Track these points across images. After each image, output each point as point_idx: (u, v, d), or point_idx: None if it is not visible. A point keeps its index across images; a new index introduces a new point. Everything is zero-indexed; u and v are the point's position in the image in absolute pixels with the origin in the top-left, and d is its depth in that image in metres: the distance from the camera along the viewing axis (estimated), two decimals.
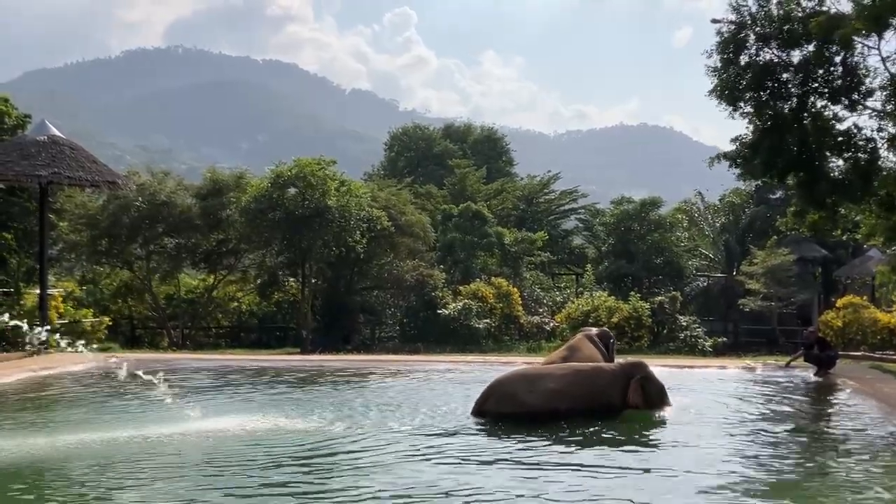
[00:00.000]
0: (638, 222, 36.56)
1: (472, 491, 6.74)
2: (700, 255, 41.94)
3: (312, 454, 8.17)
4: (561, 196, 49.94)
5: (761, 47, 17.71)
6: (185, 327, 30.37)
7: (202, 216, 28.48)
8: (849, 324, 26.51)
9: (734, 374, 16.09)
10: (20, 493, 6.76)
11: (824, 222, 18.83)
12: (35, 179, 18.66)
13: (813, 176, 17.61)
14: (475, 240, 34.25)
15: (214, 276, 30.68)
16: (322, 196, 26.92)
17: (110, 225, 27.38)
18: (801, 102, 17.58)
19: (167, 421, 9.53)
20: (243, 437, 8.97)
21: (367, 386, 13.94)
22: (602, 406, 10.06)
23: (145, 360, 16.83)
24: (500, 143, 61.45)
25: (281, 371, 15.88)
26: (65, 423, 9.86)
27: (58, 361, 15.77)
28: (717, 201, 43.17)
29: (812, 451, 8.67)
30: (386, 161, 58.70)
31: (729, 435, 9.51)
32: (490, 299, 29.21)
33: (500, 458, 8.04)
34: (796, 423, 10.59)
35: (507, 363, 16.28)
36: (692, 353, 25.21)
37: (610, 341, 12.92)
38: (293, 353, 24.65)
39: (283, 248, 28.20)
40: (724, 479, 7.25)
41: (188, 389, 12.83)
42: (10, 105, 24.65)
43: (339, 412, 10.57)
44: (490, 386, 10.30)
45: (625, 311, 26.88)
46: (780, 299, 31.97)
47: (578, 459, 8.04)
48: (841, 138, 17.73)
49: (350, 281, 30.63)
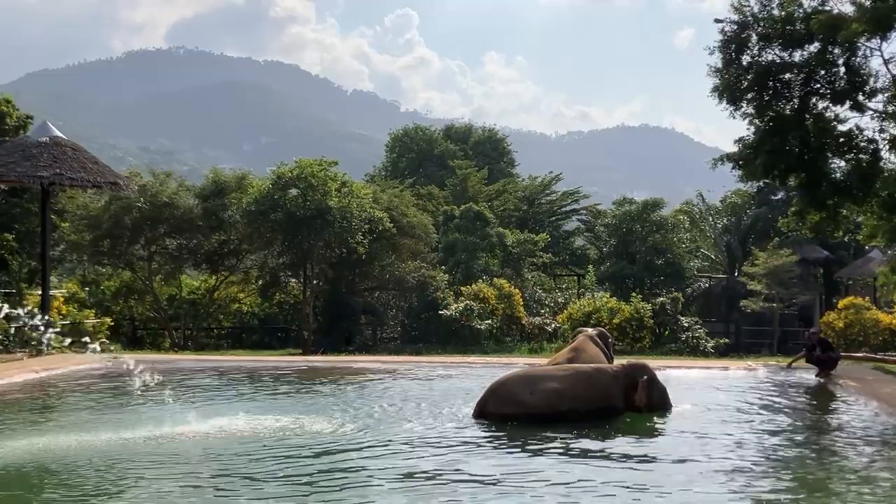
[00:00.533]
0: (640, 223, 36.59)
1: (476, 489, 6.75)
2: (701, 255, 41.99)
3: (317, 456, 8.17)
4: (562, 197, 49.99)
5: (763, 47, 17.73)
6: (187, 328, 30.39)
7: (204, 217, 28.50)
8: (850, 325, 26.52)
9: (736, 376, 16.07)
10: (24, 492, 6.79)
11: (826, 223, 18.83)
12: (37, 180, 18.66)
13: (815, 177, 17.63)
14: (477, 241, 34.28)
15: (216, 276, 30.70)
16: (323, 197, 26.92)
17: (112, 226, 27.38)
18: (803, 103, 17.59)
19: (171, 422, 9.53)
20: (249, 437, 8.97)
21: (369, 387, 13.93)
22: (604, 407, 10.05)
23: (147, 361, 16.83)
24: (502, 143, 61.49)
25: (283, 372, 15.88)
26: (69, 424, 9.86)
27: (61, 362, 15.77)
28: (719, 202, 43.23)
29: (814, 455, 8.66)
30: (387, 162, 58.75)
31: (729, 436, 9.47)
32: (492, 300, 29.21)
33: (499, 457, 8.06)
34: (799, 426, 10.58)
35: (509, 364, 16.27)
36: (694, 355, 25.21)
37: (608, 342, 12.93)
38: (295, 354, 24.65)
39: (284, 248, 28.20)
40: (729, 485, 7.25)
41: (192, 391, 12.85)
42: (12, 106, 24.68)
43: (341, 414, 10.56)
44: (491, 387, 10.28)
45: (626, 312, 26.88)
46: (781, 300, 31.98)
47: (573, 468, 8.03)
48: (842, 139, 17.76)
49: (352, 282, 30.63)
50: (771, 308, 32.03)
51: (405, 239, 30.43)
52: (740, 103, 17.78)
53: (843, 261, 35.53)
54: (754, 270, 32.17)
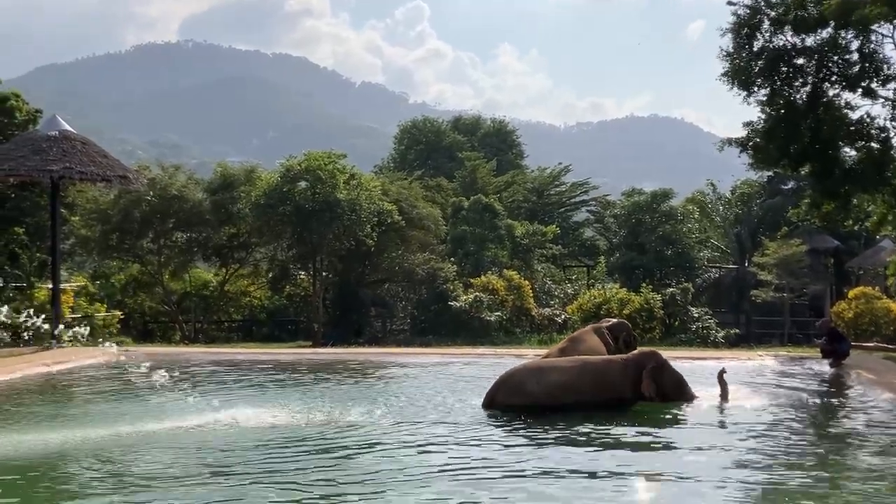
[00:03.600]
0: (649, 214, 36.49)
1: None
2: (711, 246, 41.87)
3: (324, 447, 8.18)
4: (572, 188, 49.89)
5: (775, 32, 17.59)
6: (198, 321, 30.47)
7: (213, 210, 28.54)
8: (861, 314, 26.36)
9: (749, 367, 15.99)
10: (33, 484, 6.82)
11: (837, 212, 18.73)
12: (47, 174, 18.65)
13: (826, 165, 17.52)
14: (486, 232, 34.24)
15: (226, 270, 30.76)
16: (332, 190, 26.93)
17: (122, 219, 27.45)
18: (815, 90, 17.47)
19: (187, 414, 9.56)
20: (266, 429, 9.00)
21: (379, 379, 13.94)
22: (612, 398, 10.00)
23: (158, 354, 16.86)
24: (510, 135, 61.38)
25: (294, 365, 15.88)
26: (81, 418, 9.89)
27: (71, 356, 15.79)
28: (729, 192, 43.07)
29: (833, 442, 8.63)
30: (395, 154, 58.70)
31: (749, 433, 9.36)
32: (501, 292, 29.17)
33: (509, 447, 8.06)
34: (815, 416, 10.55)
35: (519, 355, 16.23)
36: (704, 345, 25.12)
37: (623, 333, 12.58)
38: (305, 346, 24.69)
39: (293, 241, 28.23)
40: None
41: (205, 382, 12.85)
42: (22, 100, 24.72)
43: (351, 405, 10.56)
44: (500, 378, 10.29)
45: (636, 303, 26.80)
46: (792, 290, 31.87)
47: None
48: (853, 127, 17.64)
49: (361, 274, 30.64)
50: (781, 298, 31.92)
51: (414, 231, 30.42)
52: (752, 88, 17.64)
53: (853, 250, 35.36)
54: (764, 260, 32.06)
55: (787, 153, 17.48)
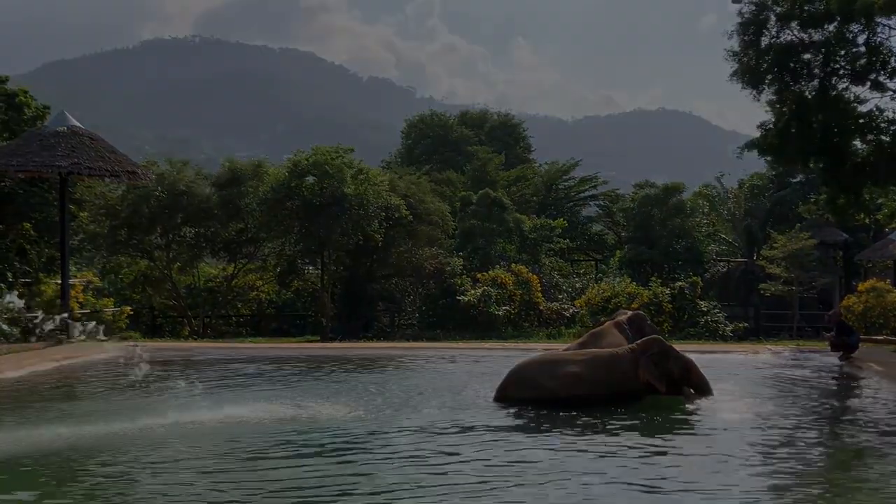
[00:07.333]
0: (658, 207, 36.40)
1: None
2: (720, 239, 41.77)
3: (340, 443, 8.19)
4: (581, 182, 49.76)
5: (782, 28, 17.57)
6: (206, 316, 30.53)
7: (221, 205, 28.55)
8: (871, 308, 26.26)
9: (758, 360, 15.97)
10: (39, 479, 6.86)
11: (849, 206, 18.68)
12: (55, 170, 18.74)
13: (838, 159, 17.47)
14: (494, 226, 34.19)
15: (234, 265, 30.81)
16: (340, 184, 26.91)
17: (130, 215, 27.50)
18: (824, 84, 17.42)
19: (196, 409, 9.59)
20: (278, 424, 9.02)
21: (389, 373, 13.96)
22: (623, 391, 9.98)
23: (167, 349, 16.92)
24: (518, 129, 61.28)
25: (302, 359, 15.92)
26: (91, 413, 9.93)
27: (81, 351, 15.84)
28: (738, 185, 42.96)
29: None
30: (403, 149, 58.66)
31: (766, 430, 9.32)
32: (509, 286, 29.12)
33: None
34: (829, 408, 10.53)
35: (527, 350, 16.24)
36: (713, 339, 25.05)
37: (645, 325, 12.31)
38: (313, 341, 24.71)
39: (301, 236, 28.22)
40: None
41: (214, 378, 12.88)
42: (30, 96, 24.73)
43: (361, 399, 10.57)
44: (511, 371, 10.31)
45: (645, 296, 26.72)
46: (801, 284, 31.77)
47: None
48: (863, 120, 17.58)
49: (369, 269, 30.63)
50: (790, 292, 31.83)
51: (422, 226, 30.39)
52: (761, 86, 17.62)
53: (862, 243, 35.22)
54: (773, 254, 31.95)
55: (803, 151, 17.42)
